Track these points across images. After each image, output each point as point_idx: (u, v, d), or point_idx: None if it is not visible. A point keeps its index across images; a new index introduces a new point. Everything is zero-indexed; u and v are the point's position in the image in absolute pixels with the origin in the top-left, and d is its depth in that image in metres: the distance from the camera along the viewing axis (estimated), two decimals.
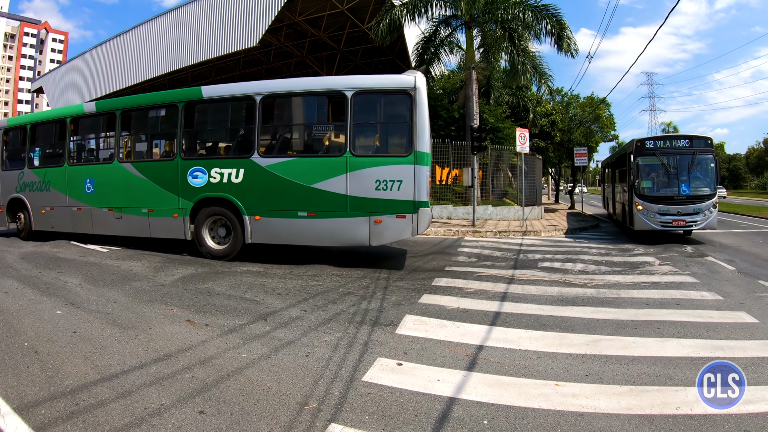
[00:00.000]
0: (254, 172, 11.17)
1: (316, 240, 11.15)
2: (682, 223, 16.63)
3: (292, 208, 10.92)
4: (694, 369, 5.09)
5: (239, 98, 11.85)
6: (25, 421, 3.87)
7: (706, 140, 17.13)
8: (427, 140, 10.70)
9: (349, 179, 10.54)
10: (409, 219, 10.42)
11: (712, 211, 16.51)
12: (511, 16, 22.24)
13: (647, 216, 16.83)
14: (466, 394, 4.49)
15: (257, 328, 6.40)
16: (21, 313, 6.90)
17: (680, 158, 16.92)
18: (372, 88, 11.13)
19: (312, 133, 11.61)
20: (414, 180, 10.39)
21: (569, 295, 8.56)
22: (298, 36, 34.30)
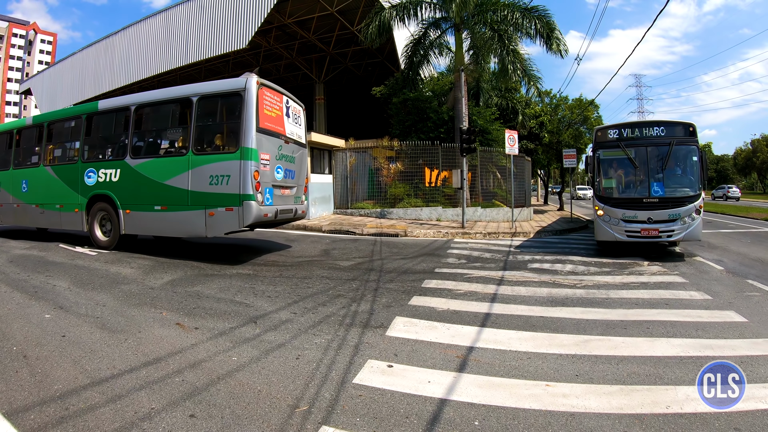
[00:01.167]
0: (126, 172, 12.51)
1: (168, 231, 12.47)
2: (654, 233, 13.20)
3: (150, 202, 12.11)
4: (684, 368, 5.14)
5: (120, 109, 13.26)
6: (15, 426, 3.84)
7: (687, 127, 13.63)
8: (254, 137, 10.94)
9: (190, 176, 11.48)
10: (236, 212, 10.98)
11: (694, 218, 13.03)
12: (501, 18, 22.31)
13: (609, 224, 13.77)
14: (456, 396, 4.50)
15: (247, 331, 6.38)
16: (9, 318, 6.85)
17: (652, 150, 13.71)
18: (212, 92, 11.94)
19: (167, 136, 12.76)
20: (240, 175, 10.89)
21: (559, 296, 8.59)
22: (287, 38, 34.31)
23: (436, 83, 29.87)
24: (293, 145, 12.95)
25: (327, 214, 24.47)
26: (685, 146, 13.63)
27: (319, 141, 23.39)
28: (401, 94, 26.68)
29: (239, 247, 13.87)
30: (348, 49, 35.99)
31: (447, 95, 27.00)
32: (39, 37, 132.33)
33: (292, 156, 12.79)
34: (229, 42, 28.57)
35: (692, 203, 13.20)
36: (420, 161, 24.49)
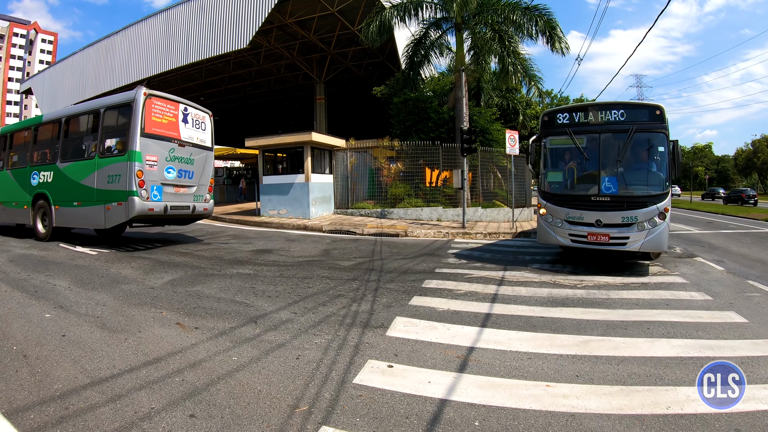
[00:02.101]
0: (56, 173, 14.48)
1: (83, 224, 14.22)
2: (603, 239, 10.97)
3: (71, 199, 13.98)
4: (684, 369, 5.14)
5: (54, 120, 15.37)
6: (15, 425, 3.85)
7: (653, 110, 11.00)
8: (138, 141, 12.61)
9: (96, 176, 13.34)
10: (124, 206, 12.68)
11: (656, 223, 10.58)
12: (502, 18, 22.32)
13: (552, 225, 11.82)
14: (457, 396, 4.50)
15: (247, 331, 6.38)
16: (9, 317, 6.85)
17: (608, 138, 11.35)
18: (113, 104, 13.87)
19: (84, 143, 14.34)
20: (127, 174, 12.60)
21: (559, 296, 8.58)
22: (288, 38, 34.30)
23: (437, 83, 29.87)
24: (191, 148, 14.31)
25: (327, 214, 24.47)
26: (650, 133, 11.08)
27: (320, 141, 23.37)
28: (402, 94, 26.67)
29: (240, 248, 13.85)
30: (349, 49, 35.97)
31: (448, 95, 26.98)
32: (40, 36, 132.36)
33: (189, 158, 14.19)
34: (229, 42, 28.57)
35: (654, 204, 10.70)
36: (420, 161, 24.46)
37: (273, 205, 24.06)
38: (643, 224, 10.67)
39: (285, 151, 24.70)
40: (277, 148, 24.75)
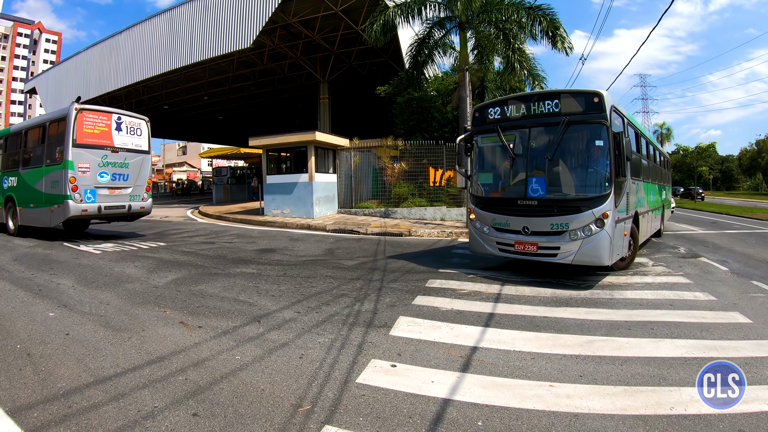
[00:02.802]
0: (20, 179, 16.34)
1: (37, 223, 15.68)
2: (531, 249, 9.75)
3: (29, 201, 15.78)
4: (688, 369, 5.12)
5: (18, 132, 17.29)
6: (18, 424, 3.85)
7: (591, 98, 9.42)
8: (70, 151, 14.36)
9: (44, 181, 15.17)
10: (62, 208, 14.46)
11: (592, 231, 9.11)
12: (506, 17, 22.27)
13: (480, 231, 10.72)
14: (460, 396, 4.49)
15: (251, 330, 6.38)
16: (13, 316, 6.87)
17: (538, 132, 10.04)
18: (54, 118, 15.56)
19: (37, 152, 15.92)
20: (63, 180, 14.36)
21: (563, 296, 8.56)
22: (292, 37, 34.29)
23: (441, 83, 29.80)
24: (125, 153, 15.61)
25: (331, 214, 24.50)
26: (586, 125, 9.55)
27: (323, 140, 23.38)
28: (406, 93, 26.64)
29: (244, 247, 13.85)
30: (352, 48, 35.94)
31: (451, 95, 26.92)
32: (44, 36, 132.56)
33: (124, 162, 15.55)
34: (233, 41, 28.58)
35: (590, 209, 9.17)
36: (424, 161, 24.44)
37: (276, 205, 24.09)
38: (576, 232, 9.27)
39: (289, 150, 24.73)
40: (281, 147, 24.78)
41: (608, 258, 9.18)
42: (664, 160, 19.97)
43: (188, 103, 50.56)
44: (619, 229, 9.70)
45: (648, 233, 14.59)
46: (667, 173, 20.77)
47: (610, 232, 9.13)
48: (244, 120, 61.16)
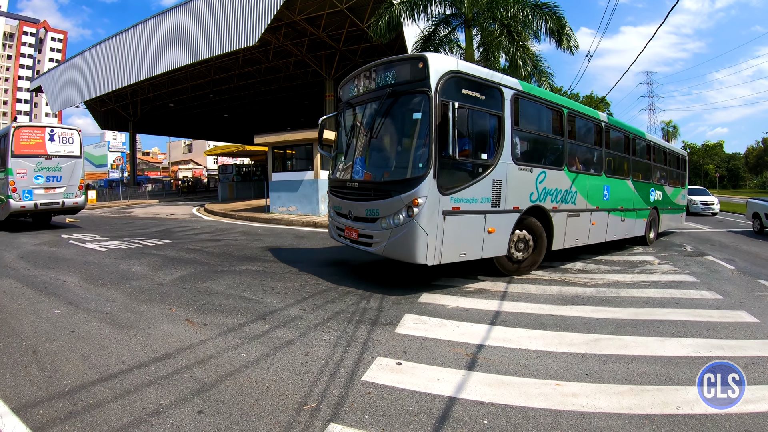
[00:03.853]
0: None
1: None
2: (354, 236, 9.12)
3: None
4: (695, 368, 5.09)
5: None
6: (24, 421, 3.86)
7: (414, 64, 8.33)
8: (10, 160, 17.12)
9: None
10: (5, 205, 17.29)
11: (399, 222, 8.09)
12: (511, 14, 22.19)
13: (329, 216, 10.57)
14: (466, 394, 4.48)
15: (256, 328, 6.38)
16: (19, 313, 6.89)
17: (369, 108, 9.23)
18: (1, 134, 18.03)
19: None
20: (6, 183, 17.11)
21: (569, 294, 8.54)
22: (297, 35, 34.27)
23: None
24: (58, 159, 18.23)
25: None
26: (409, 96, 8.51)
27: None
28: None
29: (249, 245, 13.86)
30: (358, 45, 35.91)
31: None
32: (49, 35, 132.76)
33: (57, 167, 18.19)
34: (238, 39, 28.57)
35: (399, 194, 8.09)
36: None
37: (282, 202, 24.12)
38: (386, 220, 8.37)
39: (294, 147, 24.73)
40: (287, 144, 24.78)
41: (423, 255, 8.00)
42: (664, 156, 17.74)
43: (194, 101, 50.70)
44: (460, 223, 8.38)
45: (601, 236, 12.66)
46: (667, 172, 17.98)
47: (426, 223, 7.90)
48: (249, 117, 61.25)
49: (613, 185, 13.03)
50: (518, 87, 9.68)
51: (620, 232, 13.86)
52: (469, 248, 8.71)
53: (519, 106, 9.62)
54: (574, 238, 11.40)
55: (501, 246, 9.28)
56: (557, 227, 10.58)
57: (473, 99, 8.60)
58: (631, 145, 14.47)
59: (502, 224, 9.19)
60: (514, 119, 9.38)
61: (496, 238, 9.08)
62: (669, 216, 18.29)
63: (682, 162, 20.63)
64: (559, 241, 10.80)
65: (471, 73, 8.70)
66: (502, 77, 9.34)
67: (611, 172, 13.15)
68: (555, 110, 10.92)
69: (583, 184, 11.48)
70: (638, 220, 14.96)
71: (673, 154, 19.54)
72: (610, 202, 12.85)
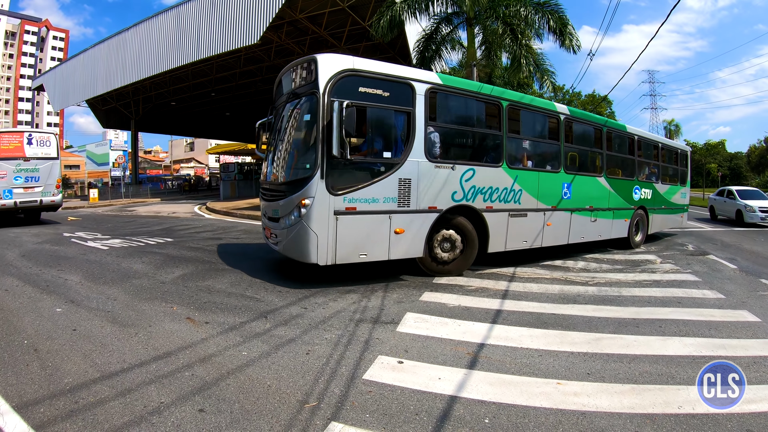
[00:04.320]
0: None
1: None
2: (270, 235, 9.51)
3: None
4: (696, 368, 5.08)
5: None
6: (25, 419, 3.87)
7: (309, 65, 8.55)
8: None
9: None
10: None
11: (292, 222, 8.36)
12: (513, 13, 22.16)
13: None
14: (467, 393, 4.48)
15: (257, 326, 6.38)
16: (21, 311, 6.89)
17: (283, 109, 9.61)
18: None
19: None
20: None
21: (571, 293, 8.54)
22: (299, 33, 34.30)
23: None
24: (36, 161, 19.65)
25: None
26: (304, 98, 8.80)
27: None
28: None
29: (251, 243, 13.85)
30: (360, 44, 35.89)
31: None
32: (51, 33, 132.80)
33: (35, 168, 19.61)
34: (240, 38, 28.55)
35: (292, 194, 8.38)
36: None
37: None
38: (284, 220, 8.63)
39: None
40: None
41: (314, 255, 8.13)
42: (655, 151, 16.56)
43: (195, 99, 50.70)
44: (358, 223, 8.38)
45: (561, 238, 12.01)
46: (660, 168, 16.71)
47: (314, 223, 8.03)
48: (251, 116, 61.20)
49: (578, 183, 12.31)
50: (435, 80, 9.40)
51: (591, 233, 13.07)
52: (372, 249, 8.70)
53: (437, 101, 9.44)
54: (521, 240, 10.92)
55: (415, 247, 9.15)
56: (494, 228, 10.17)
57: (374, 96, 8.53)
58: (604, 139, 13.45)
59: (414, 225, 9.00)
60: (429, 115, 9.13)
61: (406, 239, 8.94)
62: (663, 216, 16.98)
63: (682, 158, 18.65)
64: (498, 243, 10.41)
65: (371, 70, 8.60)
66: (413, 72, 9.18)
67: (575, 168, 12.59)
68: (490, 103, 10.43)
69: (531, 181, 10.98)
70: (617, 220, 13.98)
71: (669, 149, 18.06)
72: (572, 201, 12.10)
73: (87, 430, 3.76)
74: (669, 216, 17.58)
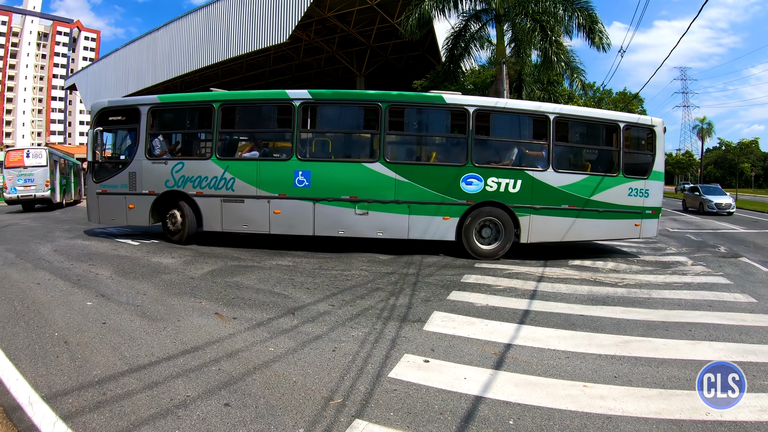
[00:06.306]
0: None
1: None
2: None
3: None
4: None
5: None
6: (53, 409, 3.93)
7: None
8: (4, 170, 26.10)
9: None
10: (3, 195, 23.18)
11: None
12: (542, 9, 21.94)
13: None
14: (492, 393, 4.44)
15: (285, 322, 6.42)
16: (52, 304, 7.01)
17: None
18: None
19: None
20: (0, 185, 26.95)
21: (599, 295, 8.44)
22: (327, 32, 34.43)
23: (478, 76, 29.62)
24: (32, 168, 26.70)
25: None
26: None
27: None
28: (442, 87, 26.49)
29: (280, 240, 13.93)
30: (388, 42, 35.94)
31: (488, 88, 26.74)
32: (83, 34, 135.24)
33: (31, 173, 26.68)
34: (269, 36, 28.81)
35: None
36: None
37: None
38: None
39: None
40: None
41: (91, 218, 13.84)
42: (530, 126, 12.57)
43: None
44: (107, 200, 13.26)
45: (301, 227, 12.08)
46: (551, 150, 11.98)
47: (89, 199, 13.93)
48: None
49: (324, 170, 11.99)
50: (155, 101, 13.12)
51: (363, 228, 12.01)
52: (117, 218, 13.40)
53: (156, 116, 13.08)
54: (240, 223, 12.45)
55: (142, 218, 12.91)
56: (207, 210, 12.44)
57: (116, 122, 13.38)
58: (383, 119, 11.77)
59: (140, 203, 12.79)
60: (149, 127, 12.75)
61: (137, 212, 12.88)
62: (569, 221, 12.06)
63: (633, 136, 13.20)
64: (215, 224, 12.57)
65: (114, 105, 13.80)
66: (140, 99, 14.24)
67: (324, 155, 12.50)
68: (202, 108, 12.96)
69: (247, 170, 12.14)
70: (424, 217, 11.89)
71: (583, 121, 13.10)
72: (314, 190, 11.82)
73: (114, 421, 3.81)
74: (592, 222, 12.21)
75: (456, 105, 12.06)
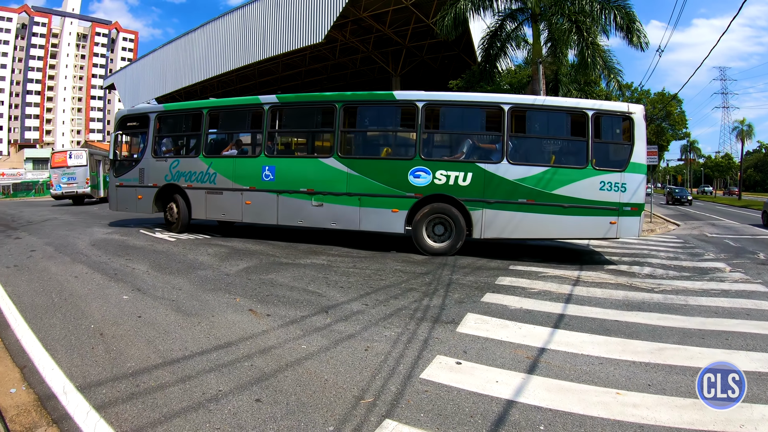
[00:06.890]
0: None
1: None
2: None
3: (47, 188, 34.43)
4: (762, 385, 4.84)
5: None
6: (87, 399, 4.03)
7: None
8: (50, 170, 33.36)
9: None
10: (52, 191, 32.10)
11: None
12: (579, 9, 21.65)
13: None
14: (524, 398, 4.39)
15: (318, 321, 6.45)
16: (89, 297, 7.16)
17: None
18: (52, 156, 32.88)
19: None
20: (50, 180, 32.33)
21: (635, 300, 8.29)
22: (363, 32, 34.52)
23: (514, 76, 29.42)
24: (75, 168, 30.84)
25: None
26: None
27: None
28: (478, 87, 26.36)
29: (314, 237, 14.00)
30: (424, 42, 35.90)
31: (525, 88, 26.53)
32: (121, 35, 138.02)
33: (73, 173, 30.81)
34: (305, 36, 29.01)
35: None
36: None
37: None
38: None
39: None
40: None
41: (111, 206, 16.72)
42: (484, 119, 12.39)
43: None
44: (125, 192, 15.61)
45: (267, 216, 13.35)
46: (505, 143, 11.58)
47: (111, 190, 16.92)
48: None
49: (286, 165, 13.29)
50: (161, 109, 15.76)
51: (319, 219, 12.79)
52: (129, 206, 15.58)
53: (161, 121, 15.18)
54: (220, 212, 14.33)
55: (148, 207, 15.01)
56: (195, 201, 14.26)
57: (132, 126, 15.88)
58: (338, 117, 12.44)
59: (146, 194, 14.93)
60: (156, 130, 15.00)
61: (144, 202, 15.01)
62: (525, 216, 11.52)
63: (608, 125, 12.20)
64: (200, 212, 14.36)
65: (131, 112, 16.50)
66: (151, 107, 16.67)
67: (287, 152, 14.76)
68: (195, 114, 14.80)
69: (226, 166, 13.89)
70: (373, 209, 12.20)
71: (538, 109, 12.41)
72: (277, 183, 13.10)
73: (146, 412, 3.87)
74: (555, 218, 11.44)
75: (406, 101, 12.32)
